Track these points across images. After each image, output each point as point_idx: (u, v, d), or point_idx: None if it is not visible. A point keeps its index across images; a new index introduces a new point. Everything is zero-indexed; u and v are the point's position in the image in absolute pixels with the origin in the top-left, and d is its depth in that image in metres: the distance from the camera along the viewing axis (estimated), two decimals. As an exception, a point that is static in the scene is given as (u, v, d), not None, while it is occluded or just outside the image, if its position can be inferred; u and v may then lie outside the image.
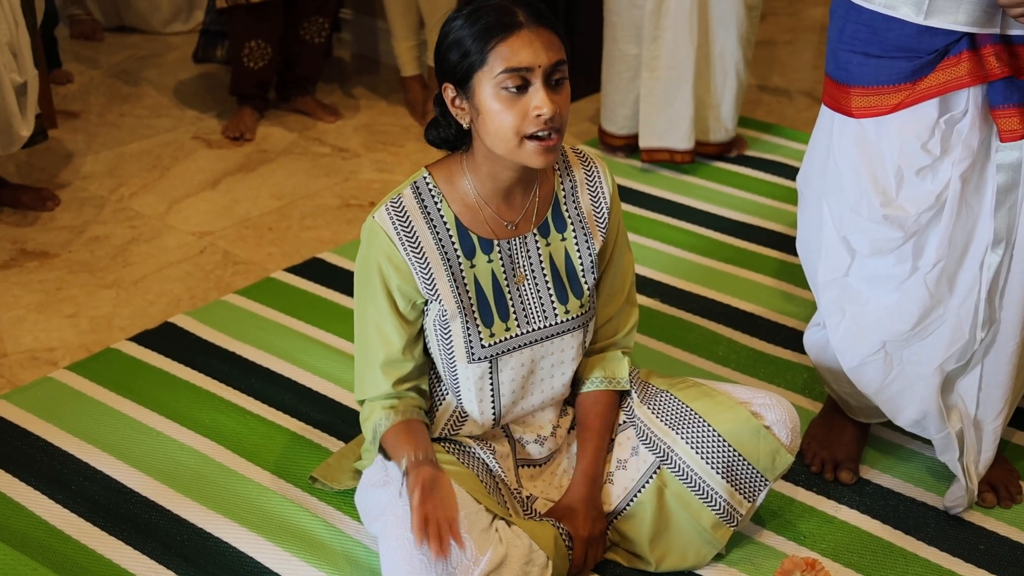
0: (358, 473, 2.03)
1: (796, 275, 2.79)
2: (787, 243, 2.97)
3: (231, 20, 3.50)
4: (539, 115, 1.63)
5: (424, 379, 1.88)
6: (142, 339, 2.57)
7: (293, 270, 2.87)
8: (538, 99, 1.63)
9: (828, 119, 1.98)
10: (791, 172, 3.35)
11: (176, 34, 4.44)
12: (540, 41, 1.64)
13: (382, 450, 1.84)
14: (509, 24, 1.63)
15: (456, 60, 1.66)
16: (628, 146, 3.47)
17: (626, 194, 3.27)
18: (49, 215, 3.13)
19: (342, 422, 2.31)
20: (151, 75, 4.11)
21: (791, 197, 3.15)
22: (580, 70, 3.61)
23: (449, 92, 1.71)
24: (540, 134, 1.65)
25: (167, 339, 2.58)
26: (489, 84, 1.64)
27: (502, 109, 1.64)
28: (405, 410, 1.82)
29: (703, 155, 3.47)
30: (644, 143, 3.36)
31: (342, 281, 2.81)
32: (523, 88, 1.64)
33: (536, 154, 1.66)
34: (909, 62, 1.80)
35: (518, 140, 1.65)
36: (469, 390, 1.85)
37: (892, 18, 1.78)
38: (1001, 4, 1.66)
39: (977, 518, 2.09)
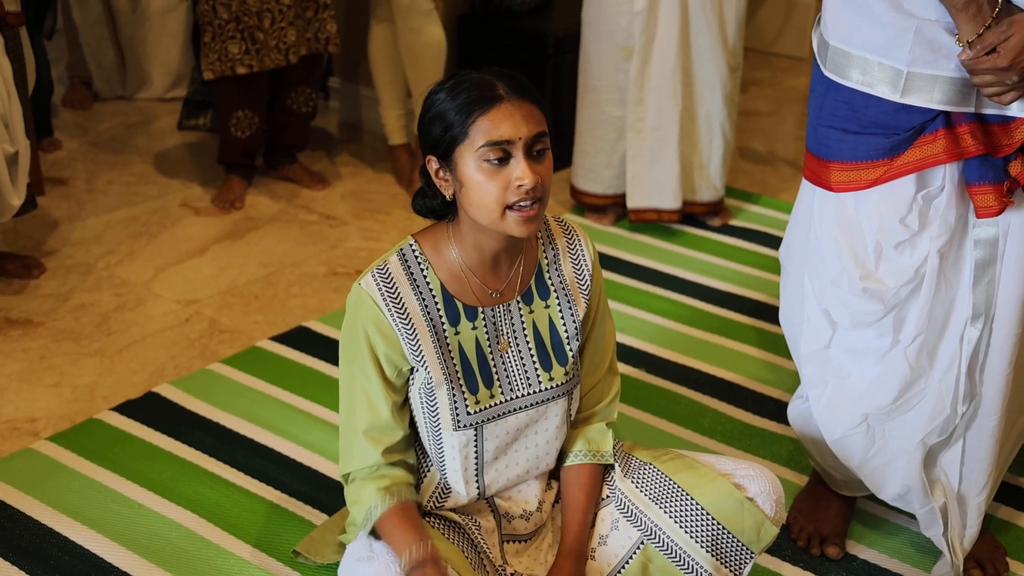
0: (342, 547, 2.00)
1: (780, 346, 2.80)
2: (771, 313, 2.99)
3: (219, 90, 3.53)
4: (520, 186, 1.65)
5: (411, 453, 1.87)
6: (125, 409, 2.56)
7: (279, 339, 2.87)
8: (519, 170, 1.65)
9: (809, 193, 2.01)
10: (774, 242, 3.38)
11: (171, 100, 4.47)
12: (521, 114, 1.66)
13: (373, 532, 1.82)
14: (490, 98, 1.65)
15: (439, 133, 1.68)
16: (614, 204, 3.51)
17: (611, 262, 3.29)
18: (34, 283, 3.12)
19: (326, 494, 2.29)
20: (139, 143, 4.13)
21: (774, 267, 3.17)
22: (567, 140, 3.66)
23: (432, 164, 1.73)
24: (522, 204, 1.66)
25: (150, 409, 2.56)
26: (471, 157, 1.66)
27: (484, 180, 1.66)
28: (398, 491, 1.80)
29: (692, 215, 3.51)
30: (632, 203, 3.40)
31: (328, 350, 2.80)
32: (504, 160, 1.65)
33: (518, 224, 1.68)
34: (887, 139, 1.83)
35: (500, 211, 1.67)
36: (454, 459, 1.84)
37: (870, 96, 1.81)
38: (975, 84, 1.69)
39: (964, 594, 2.08)
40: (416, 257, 1.79)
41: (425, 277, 1.78)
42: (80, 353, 2.81)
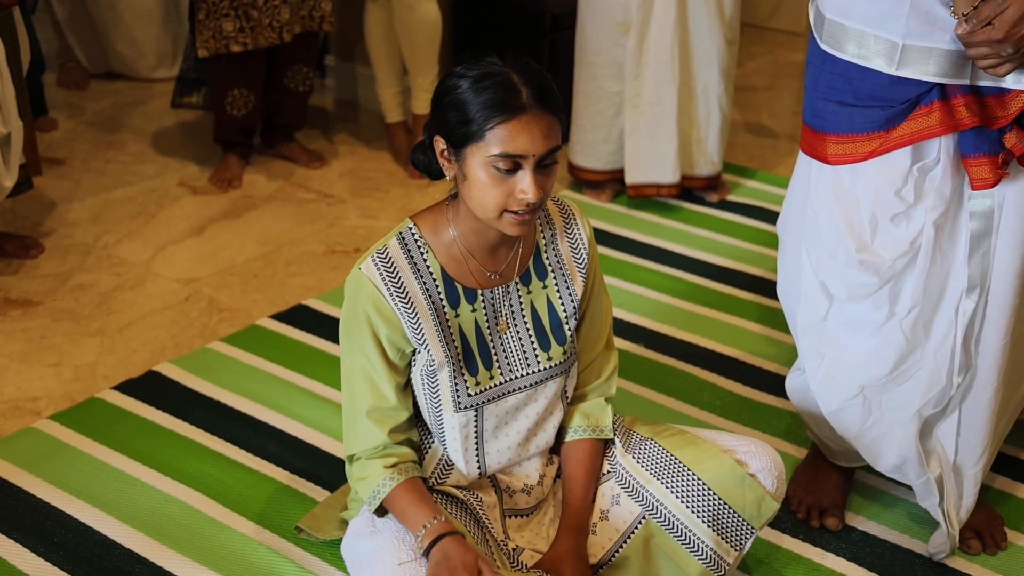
0: (344, 523, 2.02)
1: (779, 320, 2.81)
2: (769, 287, 2.99)
3: (213, 69, 3.52)
4: (523, 198, 1.65)
5: (415, 431, 1.88)
6: (126, 388, 2.57)
7: (278, 317, 2.87)
8: (525, 184, 1.64)
9: (805, 166, 2.01)
10: (772, 216, 3.38)
11: (162, 80, 4.46)
12: (540, 128, 1.64)
13: (379, 510, 1.83)
14: (514, 106, 1.62)
15: (454, 123, 1.66)
16: (612, 180, 3.51)
17: (609, 239, 3.29)
18: (33, 263, 3.12)
19: (327, 471, 2.30)
20: (136, 122, 4.12)
21: (772, 241, 3.17)
22: (565, 112, 3.64)
23: (440, 144, 1.72)
24: (520, 211, 1.67)
25: (151, 388, 2.57)
26: (481, 158, 1.64)
27: (489, 184, 1.65)
28: (405, 469, 1.81)
29: (690, 189, 3.51)
30: (630, 179, 3.40)
31: (327, 328, 2.81)
32: (513, 171, 1.65)
33: (512, 225, 1.69)
34: (882, 111, 1.83)
35: (498, 213, 1.67)
36: (455, 439, 1.85)
37: (865, 68, 1.82)
38: (970, 56, 1.69)
39: (962, 565, 2.10)
40: (416, 240, 1.79)
41: (425, 261, 1.78)
42: (80, 333, 2.81)
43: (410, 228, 1.80)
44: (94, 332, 2.82)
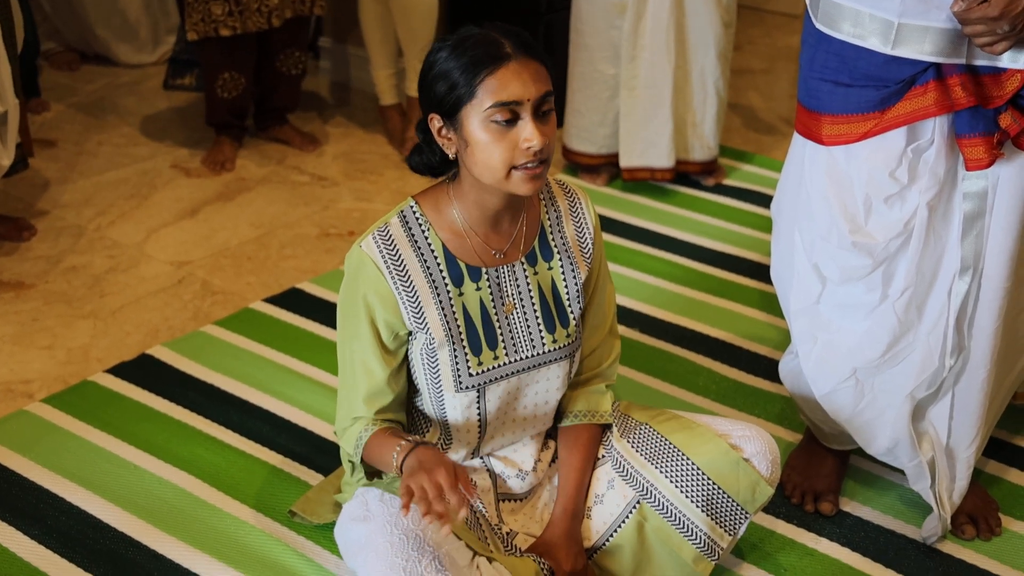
0: (338, 507, 2.01)
1: (773, 304, 2.80)
2: (764, 272, 2.99)
3: (203, 51, 3.50)
4: (529, 147, 1.64)
5: (402, 414, 1.87)
6: (119, 371, 2.56)
7: (272, 300, 2.86)
8: (528, 132, 1.64)
9: (800, 147, 2.00)
10: (768, 201, 3.37)
11: (140, 66, 4.42)
12: (528, 73, 1.64)
13: (364, 464, 1.82)
14: (497, 56, 1.63)
15: (443, 92, 1.66)
16: (607, 164, 3.49)
17: (604, 223, 3.28)
18: (25, 245, 3.11)
19: (321, 455, 2.30)
20: (128, 104, 4.10)
21: (768, 226, 3.16)
22: (559, 100, 3.63)
23: (435, 123, 1.71)
24: (529, 164, 1.65)
25: (144, 371, 2.56)
26: (478, 117, 1.64)
27: (491, 141, 1.64)
28: (384, 422, 1.81)
29: (685, 174, 3.49)
30: (624, 162, 3.38)
31: (321, 311, 2.80)
32: (512, 121, 1.64)
33: (523, 182, 1.67)
34: (877, 91, 1.82)
35: (506, 171, 1.66)
36: (456, 419, 1.84)
37: (861, 48, 1.81)
38: (966, 34, 1.68)
39: (956, 550, 2.10)
40: (417, 218, 1.78)
41: (426, 238, 1.77)
42: (73, 315, 2.80)
43: (411, 206, 1.79)
44: (87, 315, 2.81)
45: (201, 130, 3.83)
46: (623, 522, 1.89)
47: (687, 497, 1.85)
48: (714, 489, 1.85)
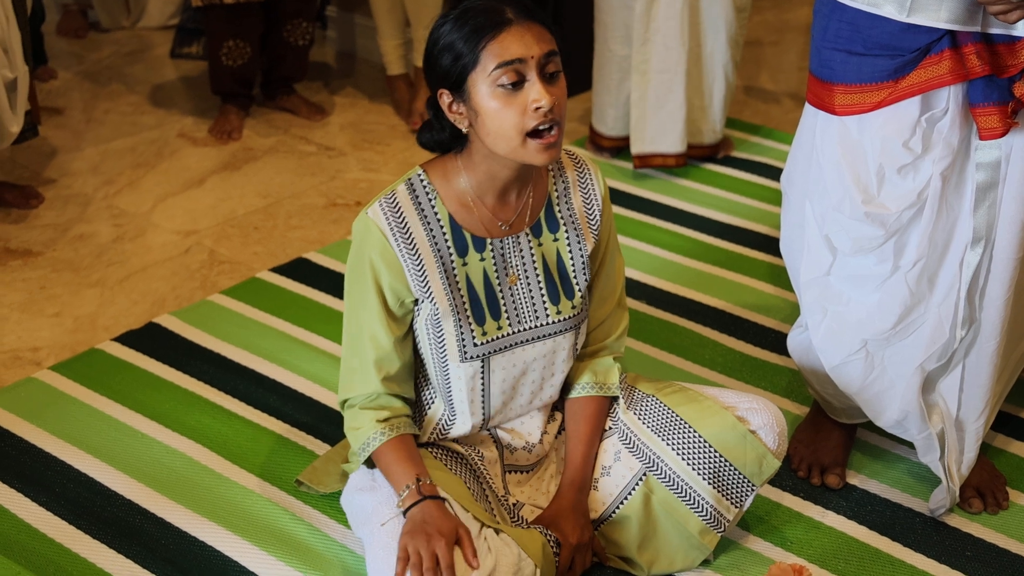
0: (345, 476, 2.02)
1: (783, 277, 2.80)
2: (774, 245, 2.97)
3: (208, 19, 3.48)
4: (538, 108, 1.63)
5: (410, 385, 1.87)
6: (126, 339, 2.56)
7: (279, 270, 2.86)
8: (535, 92, 1.63)
9: (812, 117, 1.99)
10: (777, 173, 3.35)
11: (171, 28, 4.40)
12: (531, 34, 1.64)
13: (369, 462, 1.83)
14: (498, 22, 1.63)
15: (448, 64, 1.66)
16: (617, 148, 3.46)
17: (615, 197, 3.27)
18: (33, 213, 3.11)
19: (328, 424, 2.30)
20: (136, 72, 4.08)
21: (778, 199, 3.14)
22: (568, 69, 3.60)
23: (445, 98, 1.70)
24: (541, 128, 1.64)
25: (152, 339, 2.56)
26: (484, 83, 1.63)
27: (500, 107, 1.63)
28: (396, 425, 1.81)
29: (693, 157, 3.47)
30: (636, 149, 3.34)
31: (328, 281, 2.79)
32: (519, 84, 1.63)
33: (539, 152, 1.66)
34: (891, 60, 1.81)
35: (521, 139, 1.65)
36: (460, 390, 1.84)
37: (875, 16, 1.79)
38: (981, 2, 1.67)
39: (963, 524, 2.10)
40: (424, 187, 1.77)
41: (433, 207, 1.77)
42: (80, 283, 2.80)
43: (419, 175, 1.78)
44: (94, 283, 2.81)
45: (208, 99, 3.82)
46: (629, 494, 1.89)
47: (694, 469, 1.85)
48: (721, 461, 1.85)
